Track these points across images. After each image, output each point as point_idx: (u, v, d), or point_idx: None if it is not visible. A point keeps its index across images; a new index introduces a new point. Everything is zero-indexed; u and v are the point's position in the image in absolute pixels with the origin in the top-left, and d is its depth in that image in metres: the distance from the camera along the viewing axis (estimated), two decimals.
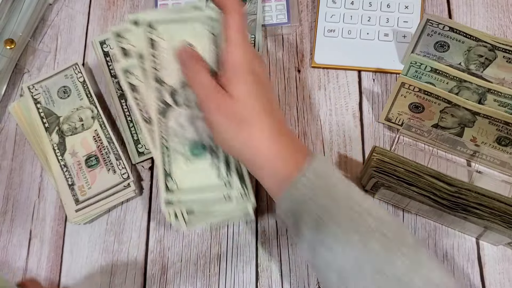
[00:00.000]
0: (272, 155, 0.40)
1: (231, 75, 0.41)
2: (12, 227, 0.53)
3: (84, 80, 0.55)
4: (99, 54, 0.57)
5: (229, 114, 0.40)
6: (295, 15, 0.61)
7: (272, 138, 0.40)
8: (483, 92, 0.47)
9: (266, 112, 0.41)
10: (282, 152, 0.40)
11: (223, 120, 0.40)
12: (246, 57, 0.41)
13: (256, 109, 0.40)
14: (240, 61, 0.41)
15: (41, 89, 0.55)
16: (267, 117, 0.41)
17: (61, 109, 0.55)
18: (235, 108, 0.40)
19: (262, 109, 0.41)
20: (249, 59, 0.41)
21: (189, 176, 0.45)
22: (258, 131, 0.40)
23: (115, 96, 0.56)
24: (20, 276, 0.51)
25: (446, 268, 0.50)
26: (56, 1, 0.63)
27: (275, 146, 0.40)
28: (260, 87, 0.41)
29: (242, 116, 0.40)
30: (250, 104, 0.40)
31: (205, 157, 0.45)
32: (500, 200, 0.43)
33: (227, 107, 0.40)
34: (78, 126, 0.54)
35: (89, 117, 0.54)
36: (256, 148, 0.40)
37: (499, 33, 0.59)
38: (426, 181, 0.45)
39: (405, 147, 0.54)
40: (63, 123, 0.54)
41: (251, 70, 0.41)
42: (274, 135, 0.41)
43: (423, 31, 0.52)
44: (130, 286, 0.51)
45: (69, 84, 0.55)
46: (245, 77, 0.41)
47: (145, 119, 0.45)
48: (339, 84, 0.58)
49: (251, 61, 0.41)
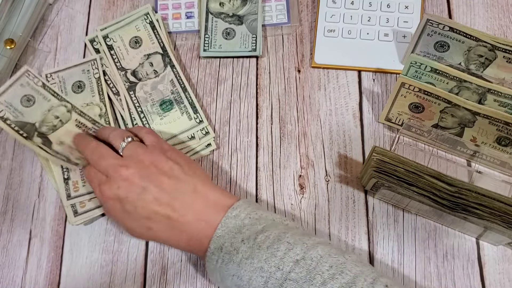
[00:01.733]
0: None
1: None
2: (12, 227, 0.53)
3: (43, 84, 0.54)
4: (104, 48, 0.58)
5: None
6: (295, 15, 0.61)
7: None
8: (483, 92, 0.47)
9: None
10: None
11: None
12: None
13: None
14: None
15: (1, 105, 0.52)
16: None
17: (32, 116, 0.53)
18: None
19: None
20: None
21: (167, 127, 0.56)
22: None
23: (123, 88, 0.57)
24: (20, 276, 0.51)
25: (446, 268, 0.50)
26: (56, 1, 0.63)
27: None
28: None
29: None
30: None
31: (174, 108, 0.56)
32: (500, 200, 0.43)
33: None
34: (57, 123, 0.53)
35: (64, 112, 0.54)
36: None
37: (499, 33, 0.59)
38: (426, 181, 0.45)
39: (405, 147, 0.54)
40: (40, 127, 0.53)
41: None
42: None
43: (423, 31, 0.52)
44: (130, 286, 0.51)
45: (29, 91, 0.53)
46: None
47: (114, 92, 0.58)
48: (339, 84, 0.58)
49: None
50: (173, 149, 0.49)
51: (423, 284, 0.49)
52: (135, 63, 0.58)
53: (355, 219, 0.52)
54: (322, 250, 0.41)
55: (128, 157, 0.46)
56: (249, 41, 0.59)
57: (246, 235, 0.42)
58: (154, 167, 0.45)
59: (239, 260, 0.42)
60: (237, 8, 0.60)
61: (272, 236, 0.42)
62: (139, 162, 0.46)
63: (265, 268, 0.41)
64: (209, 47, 0.59)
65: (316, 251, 0.41)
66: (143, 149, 0.47)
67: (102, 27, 0.59)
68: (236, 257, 0.42)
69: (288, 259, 0.40)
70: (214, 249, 0.43)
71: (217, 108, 0.58)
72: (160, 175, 0.45)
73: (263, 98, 0.58)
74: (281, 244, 0.41)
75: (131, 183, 0.45)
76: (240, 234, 0.43)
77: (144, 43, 0.58)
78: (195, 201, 0.45)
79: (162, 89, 0.57)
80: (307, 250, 0.41)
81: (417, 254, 0.50)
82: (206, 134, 0.55)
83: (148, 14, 0.59)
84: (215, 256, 0.43)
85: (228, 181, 0.54)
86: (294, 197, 0.53)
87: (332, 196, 0.53)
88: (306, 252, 0.41)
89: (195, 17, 0.61)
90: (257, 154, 0.55)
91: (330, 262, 0.40)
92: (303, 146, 0.55)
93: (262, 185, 0.54)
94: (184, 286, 0.50)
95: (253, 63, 0.60)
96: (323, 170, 0.54)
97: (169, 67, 0.57)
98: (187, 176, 0.46)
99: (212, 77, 0.59)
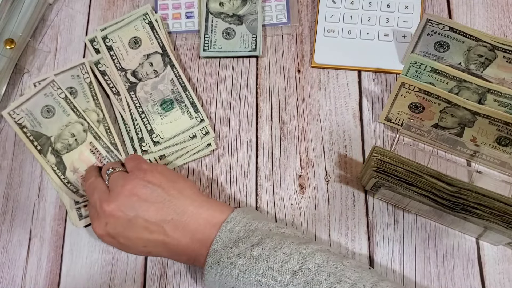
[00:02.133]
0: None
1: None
2: (12, 227, 0.53)
3: (65, 96, 0.54)
4: (103, 49, 0.58)
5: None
6: (295, 15, 0.61)
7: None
8: (483, 92, 0.47)
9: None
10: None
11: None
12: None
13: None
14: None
15: (22, 112, 0.52)
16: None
17: (49, 129, 0.53)
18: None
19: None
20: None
21: (168, 127, 0.56)
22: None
23: (124, 89, 0.56)
24: (20, 276, 0.51)
25: (446, 268, 0.50)
26: (56, 1, 0.63)
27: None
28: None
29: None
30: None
31: (175, 108, 0.56)
32: (500, 200, 0.43)
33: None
34: (72, 142, 0.53)
35: (80, 131, 0.54)
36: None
37: (499, 33, 0.59)
38: (426, 181, 0.45)
39: (405, 147, 0.54)
40: (55, 142, 0.53)
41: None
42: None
43: (423, 31, 0.52)
44: (130, 286, 0.51)
45: (51, 102, 0.53)
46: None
47: (114, 92, 0.57)
48: (339, 84, 0.58)
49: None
50: (153, 170, 0.47)
51: (423, 284, 0.49)
52: (135, 63, 0.58)
53: (355, 219, 0.52)
54: (319, 259, 0.41)
55: (111, 190, 0.46)
56: (249, 41, 0.59)
57: (242, 249, 0.42)
58: (134, 195, 0.44)
59: (237, 274, 0.41)
60: (237, 8, 0.60)
61: (268, 248, 0.42)
62: (119, 194, 0.45)
63: (262, 282, 0.40)
64: (209, 47, 0.59)
65: (314, 260, 0.41)
66: (122, 179, 0.46)
67: (102, 27, 0.59)
68: (234, 271, 0.41)
69: (285, 271, 0.40)
70: (212, 263, 0.43)
71: (217, 108, 0.58)
72: (142, 203, 0.44)
73: (263, 98, 0.58)
74: (277, 256, 0.41)
75: (116, 218, 0.44)
76: (236, 248, 0.42)
77: (143, 43, 0.58)
78: (186, 223, 0.44)
79: (162, 88, 0.57)
80: (304, 261, 0.41)
81: (417, 254, 0.50)
82: (206, 134, 0.55)
83: (147, 14, 0.59)
84: (213, 270, 0.43)
85: (228, 181, 0.54)
86: (294, 197, 0.53)
87: (332, 196, 0.53)
88: (303, 262, 0.40)
89: (195, 17, 0.61)
90: (257, 154, 0.55)
91: (328, 270, 0.40)
92: (303, 146, 0.55)
93: (262, 185, 0.54)
94: (184, 286, 0.50)
95: (253, 63, 0.60)
96: (323, 170, 0.54)
97: (169, 66, 0.57)
98: (172, 197, 0.45)
99: (212, 77, 0.59)
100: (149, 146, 0.54)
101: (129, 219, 0.44)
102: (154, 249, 0.45)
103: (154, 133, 0.55)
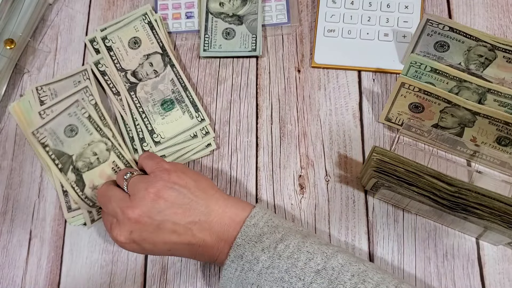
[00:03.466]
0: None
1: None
2: (12, 227, 0.53)
3: (89, 115, 0.53)
4: (103, 49, 0.58)
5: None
6: (295, 15, 0.61)
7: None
8: (483, 92, 0.47)
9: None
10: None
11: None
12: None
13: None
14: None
15: (46, 132, 0.51)
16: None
17: (71, 148, 0.52)
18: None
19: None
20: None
21: (169, 127, 0.55)
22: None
23: (124, 89, 0.56)
24: (20, 276, 0.51)
25: (446, 268, 0.50)
26: (56, 1, 0.63)
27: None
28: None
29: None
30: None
31: (175, 108, 0.56)
32: (500, 200, 0.43)
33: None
34: (94, 161, 0.52)
35: (103, 150, 0.52)
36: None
37: (499, 33, 0.59)
38: (426, 181, 0.45)
39: (405, 147, 0.54)
40: (76, 160, 0.51)
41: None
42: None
43: (423, 31, 0.52)
44: (130, 286, 0.51)
45: (74, 122, 0.52)
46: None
47: (114, 92, 0.57)
48: (339, 84, 0.58)
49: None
50: (176, 169, 0.45)
51: (423, 284, 0.49)
52: (135, 63, 0.58)
53: (355, 219, 0.52)
54: (342, 259, 0.41)
55: (132, 195, 0.44)
56: (249, 41, 0.59)
57: (266, 244, 0.42)
58: (160, 198, 0.43)
59: (259, 270, 0.41)
60: (237, 8, 0.60)
61: (291, 245, 0.41)
62: (143, 198, 0.43)
63: (285, 279, 0.40)
64: (209, 47, 0.59)
65: (336, 260, 0.40)
66: (144, 182, 0.44)
67: (102, 27, 0.59)
68: (257, 267, 0.41)
69: (309, 269, 0.40)
70: (234, 257, 0.42)
71: (217, 108, 0.58)
72: (169, 206, 0.43)
73: (263, 98, 0.58)
74: (301, 254, 0.41)
75: (143, 224, 0.42)
76: (261, 243, 0.42)
77: (143, 43, 0.58)
78: (212, 223, 0.43)
79: (162, 88, 0.57)
80: (327, 260, 0.40)
81: (417, 254, 0.50)
82: (206, 134, 0.55)
83: (146, 14, 0.59)
84: (235, 264, 0.42)
85: (228, 181, 0.54)
86: (294, 197, 0.53)
87: (332, 196, 0.53)
88: (326, 261, 0.40)
89: (195, 17, 0.61)
90: (257, 154, 0.55)
91: (352, 270, 0.40)
92: (303, 146, 0.55)
93: (262, 185, 0.54)
94: (184, 286, 0.50)
95: (253, 63, 0.60)
96: (323, 170, 0.54)
97: (169, 66, 0.57)
98: (198, 198, 0.44)
99: (212, 77, 0.59)
100: (150, 146, 0.54)
101: (157, 224, 0.42)
102: (178, 251, 0.44)
103: (155, 133, 0.55)
